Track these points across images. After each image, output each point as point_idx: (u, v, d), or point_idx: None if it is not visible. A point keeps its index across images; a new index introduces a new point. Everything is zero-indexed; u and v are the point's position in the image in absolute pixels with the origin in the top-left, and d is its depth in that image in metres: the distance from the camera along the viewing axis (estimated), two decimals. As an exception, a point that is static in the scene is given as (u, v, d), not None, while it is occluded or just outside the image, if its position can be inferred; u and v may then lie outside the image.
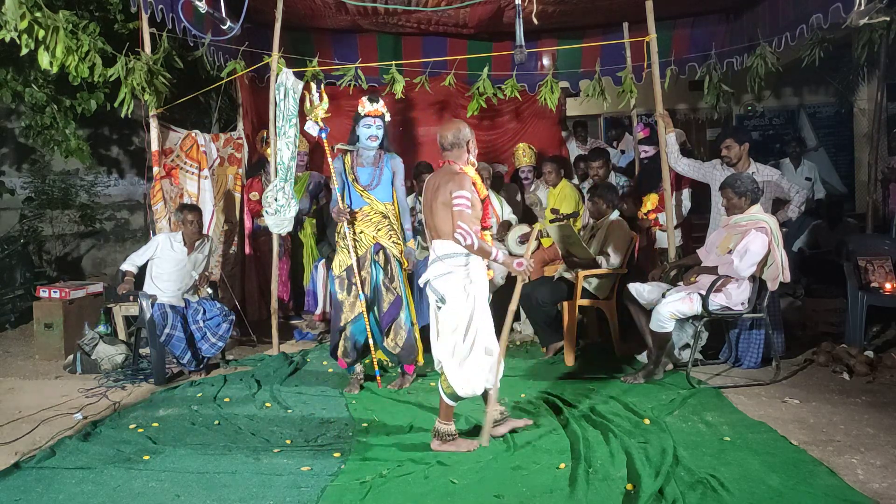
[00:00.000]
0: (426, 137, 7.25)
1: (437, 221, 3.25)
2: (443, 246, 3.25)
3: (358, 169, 4.30)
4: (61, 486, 2.96)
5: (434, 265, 3.27)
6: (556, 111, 6.91)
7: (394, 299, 4.29)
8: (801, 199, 4.82)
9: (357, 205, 4.31)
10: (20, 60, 5.51)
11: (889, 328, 5.19)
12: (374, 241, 4.28)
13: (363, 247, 4.28)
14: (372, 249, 4.29)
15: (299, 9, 5.73)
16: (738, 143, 4.79)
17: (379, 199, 4.29)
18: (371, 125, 4.23)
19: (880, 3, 4.02)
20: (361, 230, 4.27)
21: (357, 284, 4.23)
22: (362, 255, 4.27)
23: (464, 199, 3.13)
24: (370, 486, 2.88)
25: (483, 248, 3.15)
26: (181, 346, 4.64)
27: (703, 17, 6.28)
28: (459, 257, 3.22)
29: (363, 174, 4.30)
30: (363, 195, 4.28)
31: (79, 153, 5.98)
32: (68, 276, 7.18)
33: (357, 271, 4.23)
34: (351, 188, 4.31)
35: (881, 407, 3.79)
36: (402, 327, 4.32)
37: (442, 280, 3.23)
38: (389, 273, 4.31)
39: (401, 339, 4.32)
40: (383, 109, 4.28)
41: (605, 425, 3.51)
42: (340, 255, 4.30)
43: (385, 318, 4.30)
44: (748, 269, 4.15)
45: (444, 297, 3.21)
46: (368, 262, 4.28)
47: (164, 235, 4.89)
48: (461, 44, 6.62)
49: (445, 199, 3.18)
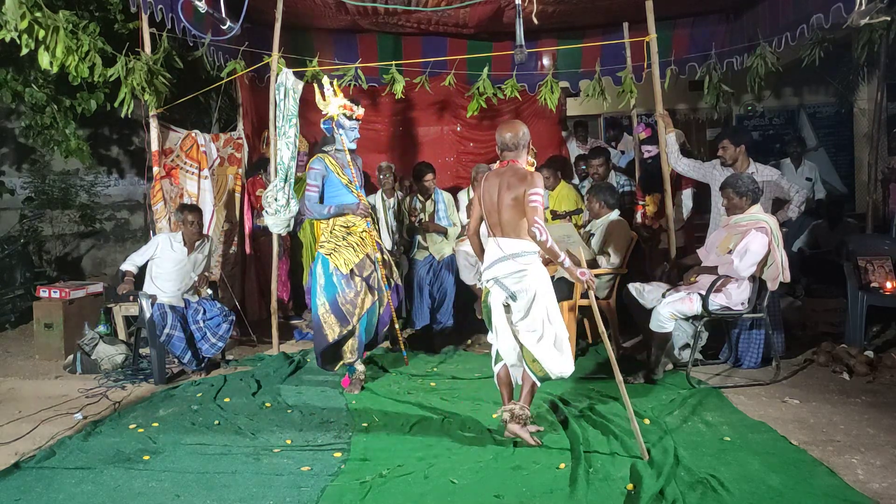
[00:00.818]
0: (426, 137, 7.25)
1: (506, 220, 3.34)
2: (512, 244, 3.33)
3: (346, 170, 4.42)
4: (61, 486, 2.96)
5: (502, 263, 3.33)
6: (556, 111, 6.90)
7: (396, 290, 4.54)
8: (800, 199, 4.82)
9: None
10: (20, 60, 5.51)
11: (889, 328, 5.19)
12: (374, 240, 4.42)
13: (367, 245, 4.37)
14: (377, 247, 4.44)
15: (299, 9, 5.73)
16: (735, 144, 4.79)
17: (365, 197, 4.49)
18: (356, 128, 4.43)
19: (881, 2, 4.02)
20: (364, 229, 4.39)
21: (365, 280, 4.30)
22: (368, 252, 4.36)
23: (540, 196, 3.25)
24: (370, 486, 2.88)
25: (553, 249, 3.22)
26: (181, 346, 4.64)
27: (703, 17, 6.27)
28: (530, 255, 3.32)
29: (349, 175, 4.43)
30: (357, 195, 4.40)
31: (79, 153, 5.98)
32: (68, 276, 7.18)
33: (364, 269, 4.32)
34: (343, 188, 4.38)
35: (881, 407, 3.79)
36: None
37: (514, 278, 3.30)
38: (389, 268, 4.52)
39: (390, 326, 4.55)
40: (362, 112, 4.49)
41: (605, 425, 3.51)
42: (345, 254, 4.28)
43: (386, 311, 4.47)
44: (748, 269, 4.15)
45: (516, 295, 3.30)
46: (373, 259, 4.40)
47: (164, 235, 4.89)
48: (461, 44, 6.62)
49: (518, 197, 3.27)
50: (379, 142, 7.17)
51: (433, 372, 4.74)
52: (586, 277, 3.30)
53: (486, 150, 7.16)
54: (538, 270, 3.34)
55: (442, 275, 5.51)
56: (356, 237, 4.33)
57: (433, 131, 7.25)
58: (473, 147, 7.23)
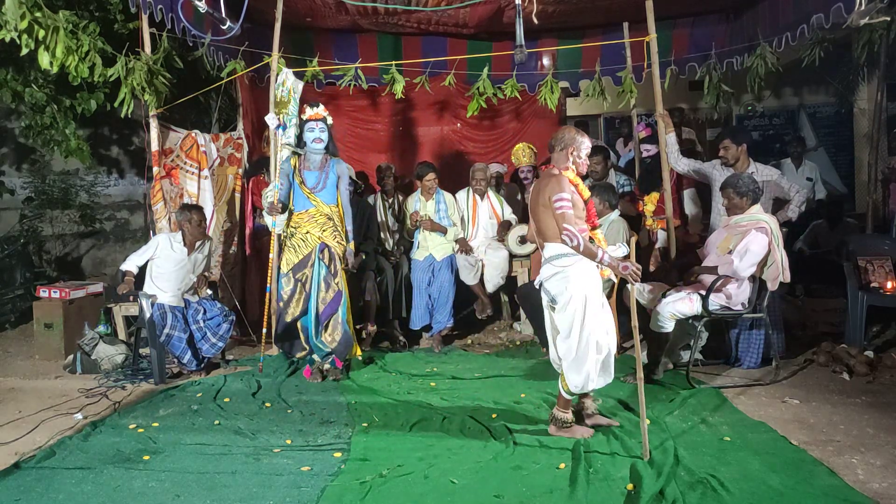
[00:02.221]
0: (426, 137, 7.25)
1: (541, 225, 3.38)
2: (550, 248, 3.36)
3: (305, 172, 4.56)
4: (61, 486, 2.96)
5: (545, 267, 3.39)
6: (556, 111, 6.90)
7: (334, 295, 4.54)
8: (801, 199, 4.82)
9: (303, 206, 4.56)
10: (20, 60, 5.50)
11: (889, 328, 5.19)
12: (319, 241, 4.52)
13: (309, 246, 4.53)
14: (317, 248, 4.52)
15: (299, 9, 5.73)
16: (736, 143, 4.79)
17: (324, 201, 4.57)
18: (314, 128, 4.51)
19: (881, 2, 4.02)
20: (307, 230, 4.53)
21: (302, 281, 4.49)
22: (307, 253, 4.52)
23: (564, 200, 3.22)
24: (370, 486, 2.88)
25: (589, 249, 3.19)
26: (181, 346, 4.64)
27: (703, 17, 6.27)
28: (566, 258, 3.30)
29: (310, 177, 4.57)
30: (310, 197, 4.55)
31: (79, 153, 5.98)
32: (68, 276, 7.18)
33: (302, 269, 4.51)
34: (298, 190, 4.55)
35: (881, 407, 3.79)
36: (339, 323, 4.56)
37: (552, 282, 3.34)
38: (332, 270, 4.55)
39: (338, 334, 4.56)
40: (324, 113, 4.56)
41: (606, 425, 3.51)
42: (287, 254, 4.56)
43: (324, 313, 4.53)
44: (748, 270, 4.15)
45: (556, 299, 3.32)
46: (313, 260, 4.53)
47: (164, 235, 4.88)
48: (461, 44, 6.62)
49: (545, 202, 3.30)
50: (379, 142, 7.18)
51: (433, 372, 4.74)
52: (629, 271, 3.21)
53: (486, 149, 7.16)
54: (577, 274, 3.28)
55: (442, 275, 5.51)
56: (298, 238, 4.53)
57: (433, 131, 7.25)
58: (473, 147, 7.23)
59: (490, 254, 5.71)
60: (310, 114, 4.51)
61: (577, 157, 3.39)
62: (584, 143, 3.40)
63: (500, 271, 5.70)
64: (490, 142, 7.20)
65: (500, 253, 5.71)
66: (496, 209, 5.93)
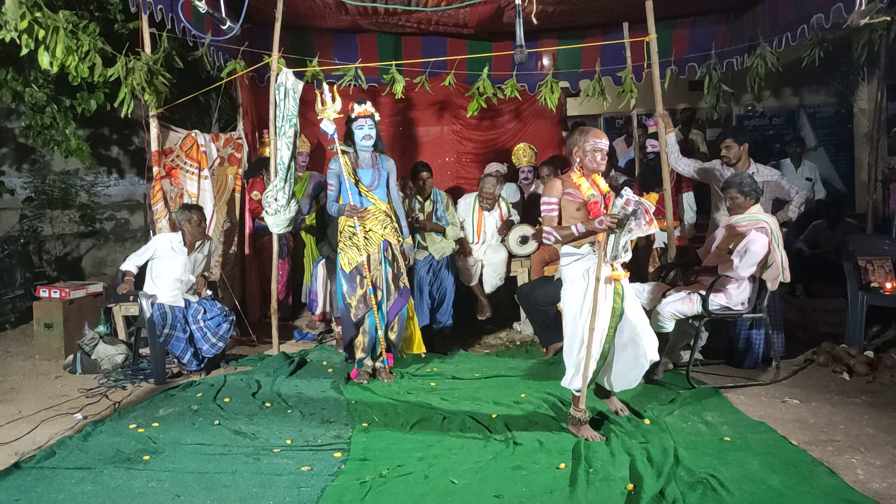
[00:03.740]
0: (426, 137, 7.25)
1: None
2: (560, 250, 3.55)
3: (359, 171, 4.50)
4: (61, 486, 2.96)
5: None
6: (556, 111, 6.90)
7: (400, 292, 4.56)
8: (801, 199, 4.82)
9: (361, 205, 4.50)
10: (20, 60, 5.50)
11: (889, 328, 5.19)
12: (382, 239, 4.49)
13: (373, 244, 4.48)
14: (381, 246, 4.49)
15: (299, 9, 5.73)
16: (738, 143, 4.80)
17: (381, 198, 4.53)
18: (363, 126, 4.45)
19: (881, 2, 4.02)
20: (370, 228, 4.47)
21: (368, 280, 4.42)
22: (372, 251, 4.47)
23: (546, 204, 3.48)
24: (370, 486, 2.88)
25: (567, 236, 3.40)
26: (181, 346, 4.64)
27: (703, 17, 6.27)
28: (563, 258, 3.50)
29: (364, 175, 4.52)
30: (367, 195, 4.50)
31: (79, 153, 5.98)
32: (68, 276, 7.18)
33: (368, 268, 4.44)
34: (354, 189, 4.47)
35: (881, 407, 3.79)
36: (402, 318, 4.61)
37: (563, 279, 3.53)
38: (397, 268, 4.55)
39: (400, 328, 4.59)
40: (372, 109, 4.50)
41: (606, 425, 3.51)
42: (349, 253, 4.46)
43: (392, 311, 4.53)
44: (748, 270, 4.15)
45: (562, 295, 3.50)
46: (379, 259, 4.49)
47: (164, 235, 4.89)
48: (461, 44, 6.62)
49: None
50: (379, 142, 7.17)
51: (433, 372, 4.74)
52: (604, 225, 3.24)
53: (486, 150, 7.16)
54: (567, 275, 3.47)
55: (441, 274, 5.51)
56: (360, 236, 4.43)
57: (433, 131, 7.25)
58: (473, 147, 7.23)
59: (489, 255, 5.71)
60: (358, 111, 4.43)
61: (583, 155, 3.43)
62: (588, 139, 3.44)
63: (498, 273, 5.70)
64: (490, 142, 7.20)
65: (499, 254, 5.71)
66: (501, 209, 5.92)
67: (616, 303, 3.37)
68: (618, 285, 3.36)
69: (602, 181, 3.50)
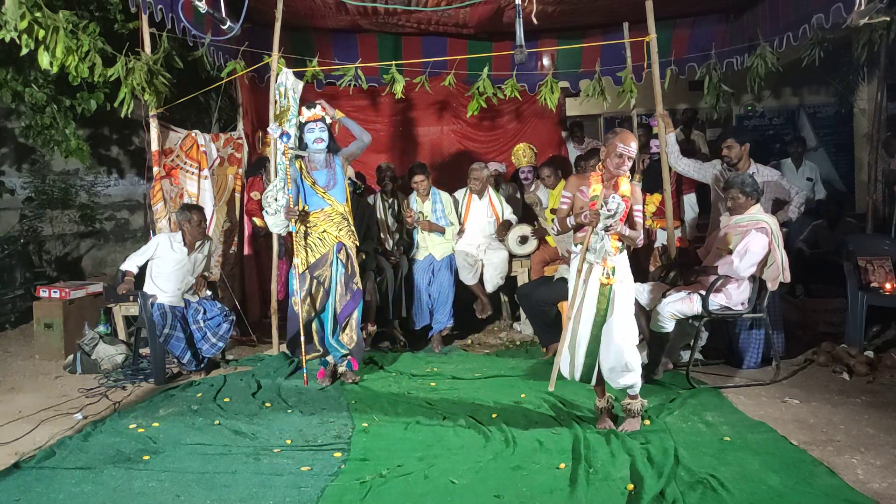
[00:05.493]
0: (426, 137, 7.25)
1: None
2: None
3: (314, 172, 4.53)
4: (61, 486, 2.96)
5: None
6: (556, 111, 6.91)
7: (352, 295, 4.52)
8: (801, 199, 4.82)
9: (318, 206, 4.51)
10: (20, 60, 5.50)
11: (889, 328, 5.18)
12: (336, 240, 4.49)
13: (326, 245, 4.49)
14: (335, 248, 4.49)
15: (299, 9, 5.73)
16: (739, 143, 4.79)
17: (338, 200, 4.54)
18: (314, 129, 4.49)
19: (881, 3, 4.02)
20: (325, 230, 4.49)
21: (320, 280, 4.45)
22: (325, 252, 4.48)
23: (561, 198, 3.63)
24: (370, 486, 2.88)
25: (563, 225, 3.56)
26: (181, 346, 4.64)
27: (703, 17, 6.27)
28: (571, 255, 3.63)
29: (320, 177, 4.53)
30: (324, 197, 4.51)
31: (79, 153, 5.97)
32: (68, 276, 7.18)
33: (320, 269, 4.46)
34: (311, 191, 4.52)
35: (881, 407, 3.79)
36: (357, 323, 4.56)
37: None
38: (350, 270, 4.53)
39: (355, 334, 4.54)
40: (322, 113, 4.52)
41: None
42: (301, 253, 4.51)
43: (342, 313, 4.50)
44: (748, 270, 4.15)
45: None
46: (331, 260, 4.49)
47: (164, 235, 4.88)
48: (461, 44, 6.62)
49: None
50: (379, 142, 7.16)
51: (433, 372, 4.74)
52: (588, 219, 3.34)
53: (486, 149, 7.16)
54: (568, 270, 3.64)
55: (441, 274, 5.51)
56: (314, 237, 4.48)
57: (433, 131, 7.25)
58: (473, 147, 7.23)
59: (490, 254, 5.71)
60: (307, 115, 4.50)
61: (607, 156, 3.45)
62: (615, 142, 3.40)
63: (499, 272, 5.70)
64: (490, 142, 7.20)
65: (499, 253, 5.70)
66: (496, 208, 5.91)
67: (601, 304, 3.37)
68: (605, 289, 3.37)
69: (625, 183, 3.39)
